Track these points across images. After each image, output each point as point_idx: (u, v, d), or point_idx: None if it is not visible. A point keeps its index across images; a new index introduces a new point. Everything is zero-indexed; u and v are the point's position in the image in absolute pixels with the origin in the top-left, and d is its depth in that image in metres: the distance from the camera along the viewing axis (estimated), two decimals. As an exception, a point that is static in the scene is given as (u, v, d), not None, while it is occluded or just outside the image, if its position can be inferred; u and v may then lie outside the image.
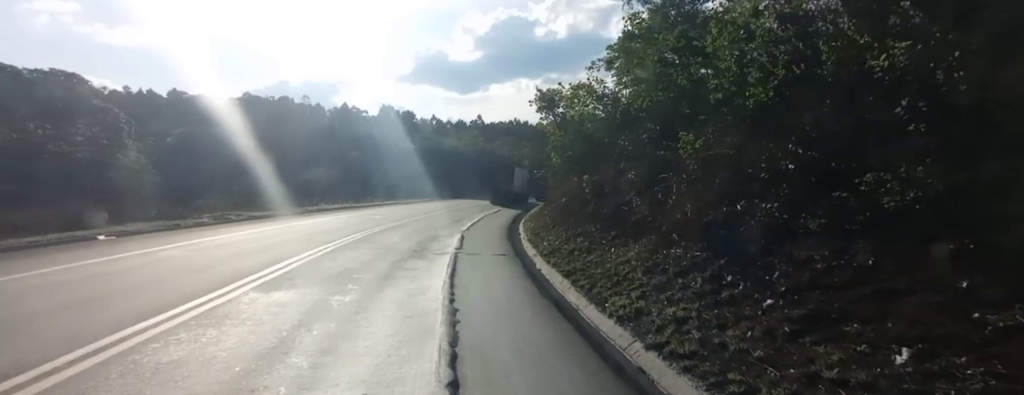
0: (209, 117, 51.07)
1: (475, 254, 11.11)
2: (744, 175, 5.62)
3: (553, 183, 21.77)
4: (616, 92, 14.70)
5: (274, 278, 7.30)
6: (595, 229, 10.39)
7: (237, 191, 26.83)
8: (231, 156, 35.87)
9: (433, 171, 48.51)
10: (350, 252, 10.32)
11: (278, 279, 7.25)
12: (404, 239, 13.24)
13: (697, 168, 6.99)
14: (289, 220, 17.41)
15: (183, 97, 62.20)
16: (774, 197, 4.93)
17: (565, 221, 13.43)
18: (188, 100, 60.69)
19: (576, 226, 11.83)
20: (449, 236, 14.44)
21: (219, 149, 37.15)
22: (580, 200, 12.96)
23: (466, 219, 21.08)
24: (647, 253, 7.03)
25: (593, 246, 9.27)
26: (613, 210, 10.00)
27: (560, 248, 10.46)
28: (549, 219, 15.75)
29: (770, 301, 4.16)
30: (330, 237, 12.60)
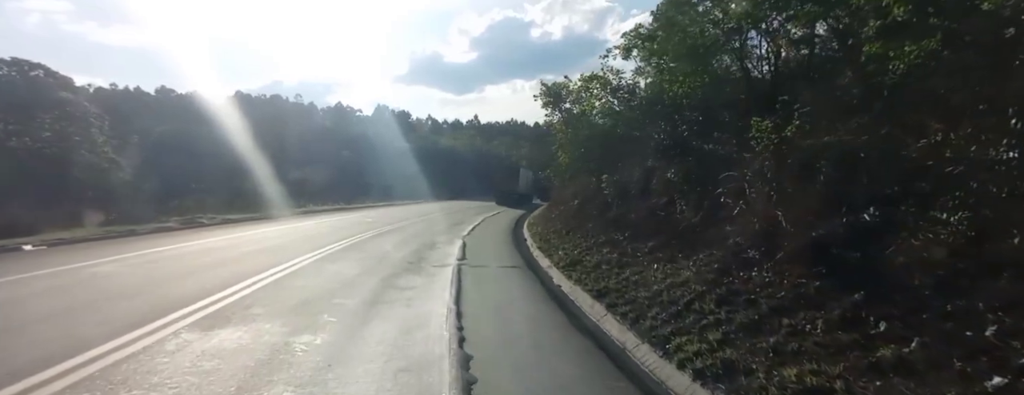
0: (197, 115, 49.02)
1: (481, 266, 9.37)
2: (873, 171, 3.98)
3: (559, 184, 20.08)
4: (634, 83, 13.05)
5: (224, 307, 5.52)
6: (623, 238, 8.69)
7: (221, 192, 24.94)
8: (218, 155, 33.91)
9: (429, 171, 46.75)
10: (332, 265, 8.54)
11: (229, 309, 5.48)
12: (398, 247, 11.48)
13: (774, 162, 5.31)
14: (271, 224, 15.57)
15: (172, 95, 59.96)
16: (958, 205, 3.26)
17: (580, 226, 11.73)
18: (177, 98, 58.52)
19: (597, 233, 10.14)
20: (449, 243, 12.69)
21: (205, 148, 35.16)
22: (598, 202, 11.29)
23: (466, 222, 19.34)
24: (712, 274, 5.33)
25: (626, 260, 7.57)
26: (645, 215, 8.33)
27: (581, 260, 8.74)
28: (560, 223, 14.04)
29: (998, 379, 2.48)
30: (312, 245, 10.81)
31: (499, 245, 13.02)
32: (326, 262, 8.83)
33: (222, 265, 8.12)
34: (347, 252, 10.23)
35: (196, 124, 43.06)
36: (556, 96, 19.03)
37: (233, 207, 19.82)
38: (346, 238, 12.48)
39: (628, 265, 7.25)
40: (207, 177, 28.37)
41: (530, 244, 13.05)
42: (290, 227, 14.98)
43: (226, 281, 6.70)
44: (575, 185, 15.61)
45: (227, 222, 14.90)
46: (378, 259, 9.50)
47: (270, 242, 11.23)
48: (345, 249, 10.68)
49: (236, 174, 30.23)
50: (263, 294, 6.18)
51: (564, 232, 12.31)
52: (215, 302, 5.65)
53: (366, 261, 9.18)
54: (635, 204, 9.10)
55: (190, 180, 26.61)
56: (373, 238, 13.04)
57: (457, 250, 11.39)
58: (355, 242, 11.97)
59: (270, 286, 6.66)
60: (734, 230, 5.43)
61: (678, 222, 7.02)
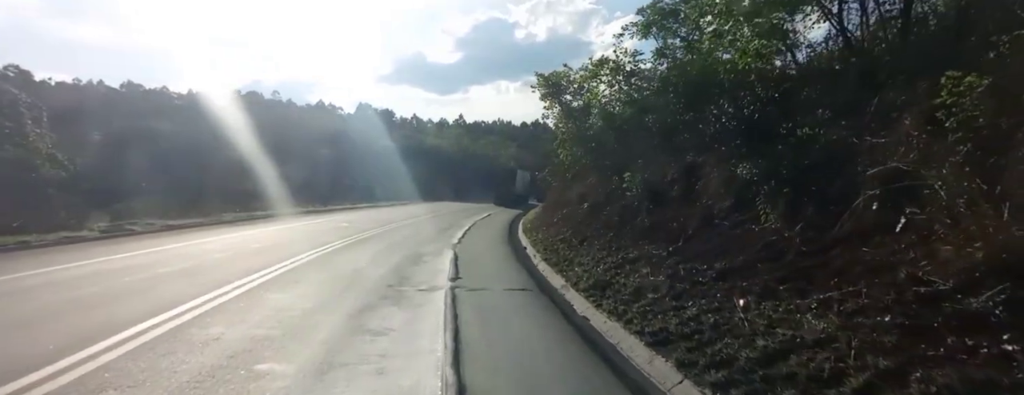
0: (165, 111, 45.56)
1: (480, 290, 7.15)
2: None
3: (560, 184, 17.94)
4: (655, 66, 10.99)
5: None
6: (667, 254, 6.52)
7: (180, 193, 22.11)
8: (182, 154, 30.85)
9: (414, 172, 44.21)
10: (279, 294, 6.18)
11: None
12: (375, 261, 9.17)
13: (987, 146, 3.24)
14: (225, 231, 13.04)
15: (139, 90, 55.95)
16: None
17: (597, 235, 9.57)
18: (144, 94, 54.63)
19: (624, 245, 8.00)
20: (437, 254, 10.43)
21: (169, 146, 32.03)
22: (619, 206, 9.19)
23: (455, 227, 17.06)
24: (891, 337, 3.17)
25: (682, 287, 5.37)
26: (699, 224, 6.21)
27: (610, 282, 6.58)
28: (567, 230, 11.88)
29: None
30: (263, 261, 8.42)
31: (497, 257, 10.80)
32: (272, 288, 6.48)
33: (103, 303, 5.61)
34: (307, 270, 7.88)
35: (163, 121, 39.77)
36: (555, 87, 16.90)
37: (190, 210, 17.12)
38: (312, 249, 10.09)
39: (688, 296, 5.10)
40: (167, 177, 25.40)
41: (532, 254, 10.89)
42: (247, 235, 12.48)
43: (85, 335, 4.28)
44: (582, 185, 13.52)
45: (168, 229, 12.33)
46: (347, 281, 7.19)
47: (208, 257, 8.77)
48: (306, 265, 8.32)
49: (200, 174, 27.32)
50: (132, 361, 3.80)
51: (575, 242, 10.15)
52: (30, 388, 3.26)
53: (330, 285, 6.87)
54: (677, 209, 7.01)
55: (146, 179, 23.64)
56: (346, 249, 10.68)
57: (448, 265, 9.15)
58: (322, 254, 9.61)
59: (159, 341, 4.28)
60: (904, 256, 3.36)
61: (763, 238, 4.93)
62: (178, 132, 36.68)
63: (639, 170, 8.38)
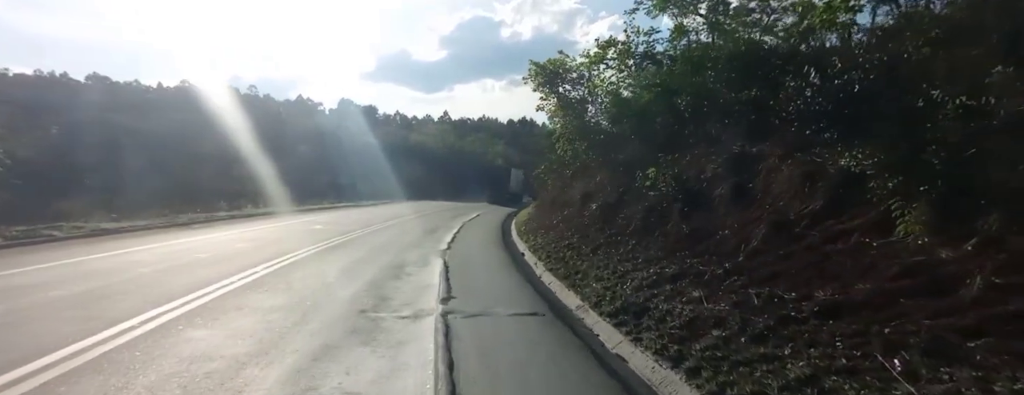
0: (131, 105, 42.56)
1: (480, 315, 5.55)
2: None
3: (558, 182, 16.39)
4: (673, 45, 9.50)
5: None
6: (723, 272, 4.95)
7: (137, 191, 19.89)
8: (143, 149, 28.36)
9: (398, 169, 42.24)
10: (201, 331, 4.44)
11: None
12: (348, 274, 7.48)
13: None
14: (174, 235, 11.09)
15: (106, 82, 52.43)
16: None
17: (614, 243, 8.00)
18: (111, 86, 51.22)
19: (653, 257, 6.43)
20: (424, 263, 8.79)
21: (133, 141, 29.46)
22: (641, 209, 7.66)
23: (443, 228, 15.40)
24: None
25: (756, 323, 3.87)
26: (769, 235, 4.68)
27: (646, 307, 5.06)
28: (571, 233, 10.32)
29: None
30: (202, 277, 6.64)
31: (494, 266, 9.21)
32: (197, 322, 4.75)
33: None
34: (257, 290, 6.15)
35: (130, 115, 36.94)
36: (552, 76, 15.33)
37: (143, 210, 15.03)
38: (273, 259, 8.33)
39: (780, 339, 3.55)
40: (125, 173, 23.04)
41: (533, 262, 9.34)
42: (198, 241, 10.60)
43: None
44: (588, 183, 12.00)
45: (99, 234, 10.34)
46: (306, 306, 5.50)
47: (126, 274, 6.87)
48: (258, 283, 6.57)
49: (163, 171, 24.99)
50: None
51: (586, 249, 8.61)
52: None
53: (282, 313, 5.16)
54: (725, 213, 5.53)
55: (99, 176, 21.31)
56: (315, 257, 8.94)
57: (437, 277, 7.53)
58: (284, 266, 7.86)
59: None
60: None
61: (896, 257, 3.41)
62: (144, 127, 34.02)
63: (667, 165, 6.88)
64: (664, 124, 7.29)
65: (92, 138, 29.79)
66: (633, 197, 8.57)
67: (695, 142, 6.69)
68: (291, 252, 9.16)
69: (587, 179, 12.37)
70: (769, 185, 4.80)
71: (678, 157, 6.93)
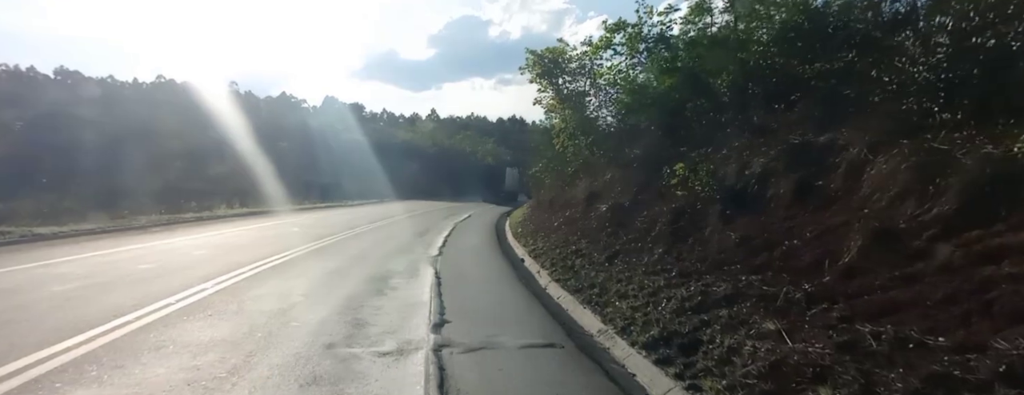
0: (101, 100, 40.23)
1: (483, 349, 4.33)
2: None
3: (555, 181, 15.21)
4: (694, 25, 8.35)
5: None
6: (804, 296, 3.67)
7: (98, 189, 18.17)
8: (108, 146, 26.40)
9: (387, 168, 40.70)
10: (84, 392, 3.15)
11: None
12: (318, 291, 6.17)
13: None
14: (118, 243, 9.55)
15: (77, 76, 49.59)
16: None
17: (634, 250, 6.80)
18: (81, 80, 48.43)
19: (692, 271, 5.21)
20: (412, 274, 7.52)
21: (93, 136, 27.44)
22: (666, 212, 6.49)
23: (433, 230, 14.11)
24: None
25: (841, 367, 2.72)
26: (870, 248, 3.47)
27: (700, 338, 3.89)
28: (578, 238, 9.10)
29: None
30: (134, 295, 5.28)
31: (493, 277, 7.98)
32: (85, 375, 3.42)
33: None
34: (195, 317, 4.82)
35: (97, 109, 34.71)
36: (551, 66, 14.15)
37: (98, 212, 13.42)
38: (229, 271, 6.96)
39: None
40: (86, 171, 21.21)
41: (536, 272, 8.16)
42: (148, 247, 9.15)
43: None
44: (593, 182, 10.84)
45: (29, 240, 8.79)
46: (255, 341, 4.19)
47: (38, 293, 5.38)
48: (199, 305, 5.23)
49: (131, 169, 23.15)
50: None
51: (598, 257, 7.41)
52: None
53: (217, 353, 3.85)
54: (787, 218, 4.39)
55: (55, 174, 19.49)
56: (282, 268, 7.59)
57: (427, 293, 6.27)
58: (240, 280, 6.50)
59: None
60: None
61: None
62: (113, 123, 31.91)
63: (702, 160, 5.72)
64: (697, 110, 6.14)
65: (55, 135, 27.70)
66: (652, 197, 7.42)
67: (735, 132, 5.58)
68: (257, 261, 7.80)
69: (592, 177, 11.21)
70: (855, 182, 3.70)
71: (712, 151, 5.80)
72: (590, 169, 11.89)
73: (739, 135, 5.60)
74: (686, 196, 6.11)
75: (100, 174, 20.75)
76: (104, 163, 22.47)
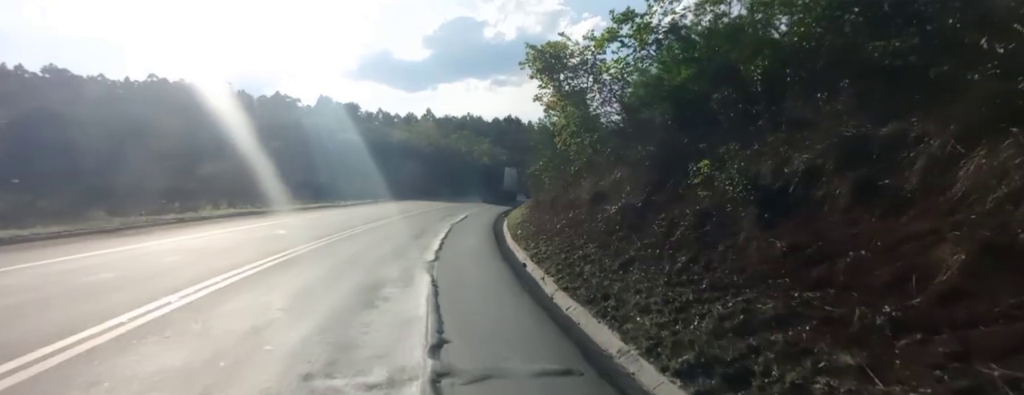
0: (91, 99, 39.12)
1: (491, 378, 3.63)
2: None
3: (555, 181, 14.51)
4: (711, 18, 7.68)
5: None
6: (889, 324, 2.95)
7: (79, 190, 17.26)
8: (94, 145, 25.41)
9: (383, 167, 39.85)
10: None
11: None
12: (301, 303, 5.43)
13: None
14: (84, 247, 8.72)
15: (65, 75, 48.21)
16: None
17: (651, 257, 6.11)
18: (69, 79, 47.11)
19: (727, 284, 4.49)
20: (406, 283, 6.79)
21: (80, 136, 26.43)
22: (689, 214, 5.79)
23: (429, 232, 13.37)
24: None
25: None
26: (981, 261, 2.81)
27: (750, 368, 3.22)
28: (584, 241, 8.41)
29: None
30: (84, 312, 4.52)
31: (494, 285, 7.27)
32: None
33: None
34: (148, 340, 4.06)
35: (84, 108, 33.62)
36: (553, 61, 13.43)
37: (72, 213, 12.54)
38: (201, 280, 6.19)
39: None
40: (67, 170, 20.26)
41: (540, 278, 7.47)
42: (118, 252, 8.35)
43: None
44: (597, 181, 10.15)
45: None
46: (215, 372, 3.45)
47: None
48: (157, 324, 4.47)
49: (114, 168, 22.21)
50: None
51: (610, 263, 6.72)
52: None
53: (165, 391, 3.11)
54: (856, 226, 3.68)
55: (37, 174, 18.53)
56: (262, 276, 6.82)
57: (423, 306, 5.56)
58: (212, 292, 5.74)
59: None
60: None
61: None
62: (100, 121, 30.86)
63: (730, 157, 5.04)
64: (724, 102, 5.45)
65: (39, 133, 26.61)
66: (669, 198, 6.73)
67: (768, 125, 4.91)
68: (235, 268, 7.02)
69: (597, 176, 10.52)
70: (940, 181, 3.03)
71: (740, 146, 5.11)
72: (594, 168, 11.20)
73: (774, 128, 4.93)
74: (711, 197, 5.42)
75: (84, 174, 19.81)
76: (88, 163, 21.51)
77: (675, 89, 6.51)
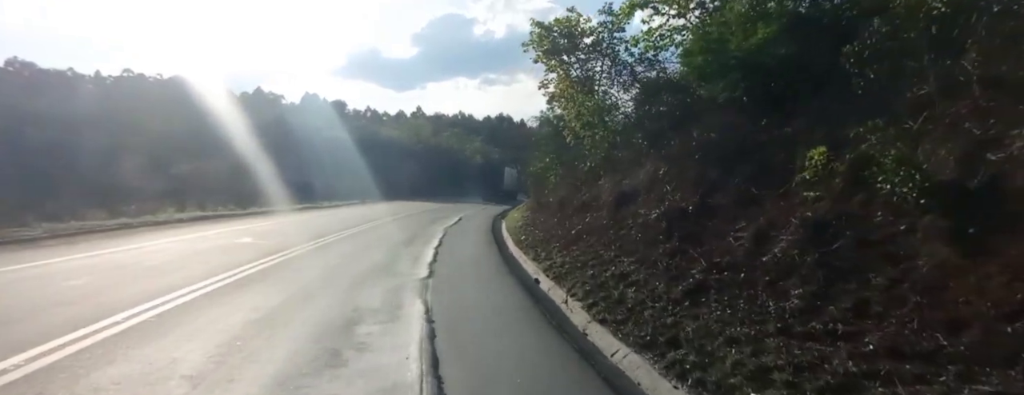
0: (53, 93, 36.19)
1: None
2: None
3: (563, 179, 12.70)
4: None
5: None
6: None
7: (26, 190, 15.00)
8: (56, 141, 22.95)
9: (372, 166, 37.71)
10: None
11: None
12: (233, 357, 3.53)
13: None
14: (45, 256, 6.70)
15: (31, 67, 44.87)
16: None
17: (729, 285, 4.37)
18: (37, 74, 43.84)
19: (916, 349, 2.84)
20: (391, 317, 4.94)
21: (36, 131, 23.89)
22: (795, 226, 4.03)
23: (420, 239, 11.48)
24: None
25: None
26: None
27: None
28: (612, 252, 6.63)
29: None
30: None
31: (505, 314, 5.46)
32: None
33: None
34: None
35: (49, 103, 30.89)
36: (560, 42, 11.61)
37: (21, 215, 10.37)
38: (97, 322, 4.26)
39: None
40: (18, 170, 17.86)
41: (563, 301, 5.72)
42: (22, 270, 6.33)
43: None
44: (619, 180, 8.39)
45: None
46: None
47: None
48: None
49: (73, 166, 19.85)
50: None
51: (667, 290, 4.94)
52: None
53: None
54: None
55: None
56: (187, 310, 4.89)
57: (414, 363, 3.71)
58: (99, 341, 3.81)
59: None
60: None
61: None
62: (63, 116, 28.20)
63: (880, 140, 3.24)
64: (858, 58, 3.62)
65: None
66: (740, 201, 4.99)
67: (940, 87, 3.17)
68: (155, 298, 5.08)
69: (619, 174, 8.77)
70: None
71: (886, 122, 3.37)
72: (615, 164, 9.45)
73: (944, 93, 3.19)
74: (828, 201, 3.69)
75: (30, 170, 17.45)
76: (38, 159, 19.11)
77: (749, 54, 4.80)
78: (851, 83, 3.89)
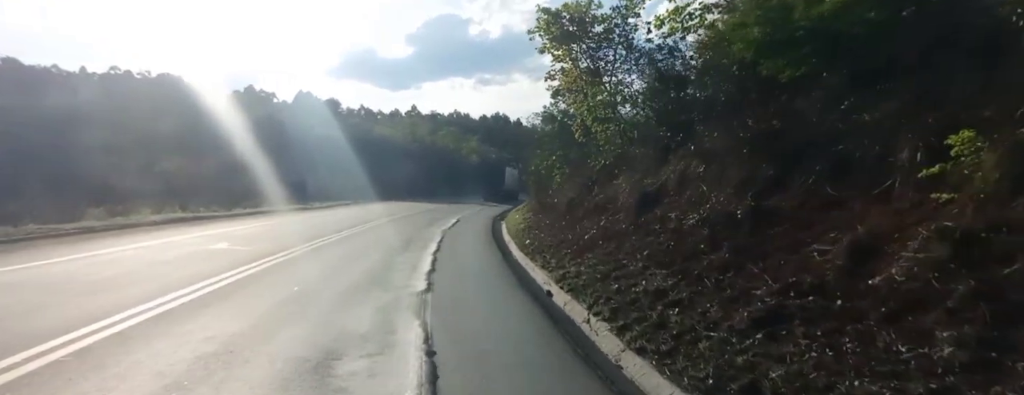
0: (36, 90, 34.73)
1: None
2: None
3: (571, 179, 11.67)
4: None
5: None
6: None
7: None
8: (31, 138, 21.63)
9: (369, 166, 36.55)
10: None
11: None
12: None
13: None
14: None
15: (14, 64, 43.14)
16: None
17: (807, 309, 3.39)
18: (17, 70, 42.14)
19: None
20: (378, 347, 3.87)
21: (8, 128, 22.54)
22: (924, 238, 3.04)
23: (416, 243, 10.42)
24: None
25: None
26: None
27: None
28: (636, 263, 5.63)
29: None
30: None
31: (521, 340, 4.41)
32: None
33: None
34: None
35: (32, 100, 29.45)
36: (569, 29, 10.59)
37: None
38: (16, 352, 3.17)
39: None
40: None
41: (585, 321, 4.75)
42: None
43: None
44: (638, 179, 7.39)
45: None
46: None
47: None
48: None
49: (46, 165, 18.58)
50: None
51: (728, 316, 3.94)
52: None
53: None
54: None
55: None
56: (121, 342, 3.82)
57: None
58: (16, 379, 2.73)
59: None
60: None
61: None
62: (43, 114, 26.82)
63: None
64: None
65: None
66: (812, 204, 4.02)
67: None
68: (89, 323, 4.01)
69: (639, 172, 7.77)
70: None
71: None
72: (631, 162, 8.45)
73: None
74: (971, 205, 2.71)
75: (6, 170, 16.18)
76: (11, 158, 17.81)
77: (820, 23, 3.77)
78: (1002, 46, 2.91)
